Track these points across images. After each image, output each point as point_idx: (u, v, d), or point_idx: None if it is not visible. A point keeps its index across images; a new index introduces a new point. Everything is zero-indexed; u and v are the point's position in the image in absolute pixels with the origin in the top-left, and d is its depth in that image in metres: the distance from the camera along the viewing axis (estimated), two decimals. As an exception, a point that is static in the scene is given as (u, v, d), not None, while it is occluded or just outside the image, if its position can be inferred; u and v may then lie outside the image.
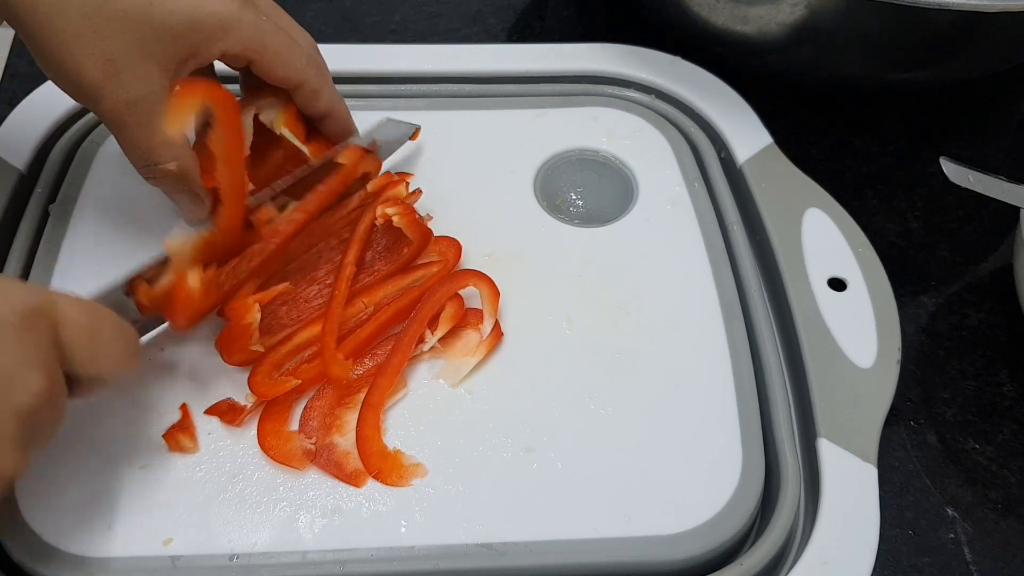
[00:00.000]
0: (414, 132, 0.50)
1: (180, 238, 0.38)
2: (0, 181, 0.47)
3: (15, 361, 0.29)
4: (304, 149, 0.45)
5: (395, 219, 0.43)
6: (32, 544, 0.35)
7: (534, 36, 0.65)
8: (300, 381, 0.39)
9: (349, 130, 0.47)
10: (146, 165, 0.40)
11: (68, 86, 0.39)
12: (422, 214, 0.45)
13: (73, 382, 0.33)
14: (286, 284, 0.40)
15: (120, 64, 0.37)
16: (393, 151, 0.50)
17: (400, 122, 0.50)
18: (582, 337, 0.43)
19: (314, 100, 0.44)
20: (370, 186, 0.46)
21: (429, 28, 0.65)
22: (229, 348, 0.40)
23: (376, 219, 0.44)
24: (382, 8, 0.66)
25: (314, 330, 0.41)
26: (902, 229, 0.54)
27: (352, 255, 0.44)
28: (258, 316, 0.39)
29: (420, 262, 0.45)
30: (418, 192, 0.47)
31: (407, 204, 0.45)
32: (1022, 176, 0.46)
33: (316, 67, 0.44)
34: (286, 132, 0.44)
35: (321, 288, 0.43)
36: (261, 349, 0.40)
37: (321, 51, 0.47)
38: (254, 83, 0.44)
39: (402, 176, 0.48)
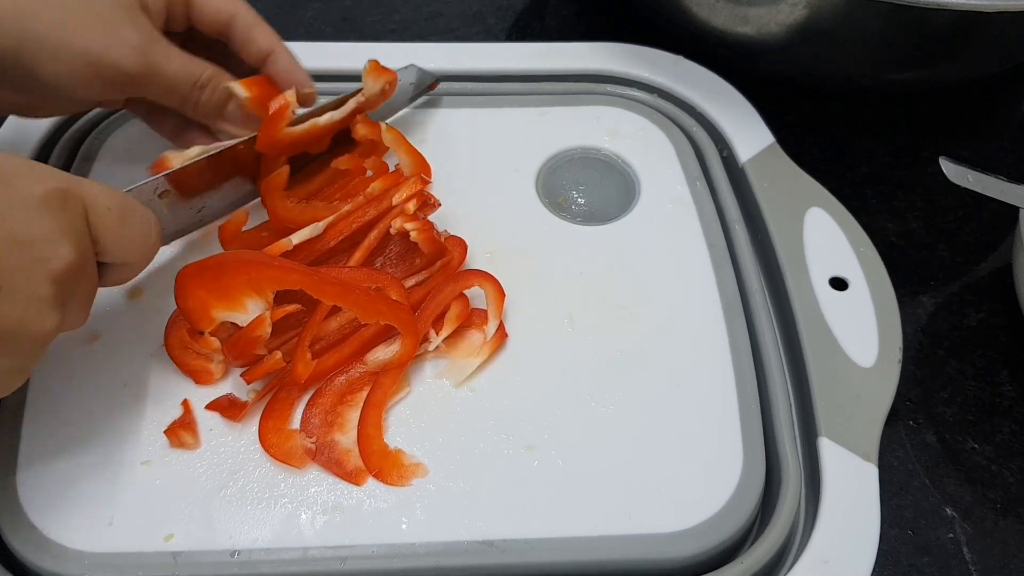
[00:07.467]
0: (433, 82, 0.53)
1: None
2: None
3: (49, 232, 0.32)
4: (244, 92, 0.45)
5: (412, 234, 0.43)
6: (34, 539, 0.35)
7: (533, 36, 0.65)
8: (280, 354, 0.40)
9: (295, 70, 0.46)
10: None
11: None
12: (440, 230, 0.45)
13: (101, 268, 0.36)
14: (296, 305, 0.40)
15: None
16: (416, 98, 0.53)
17: (423, 70, 0.53)
18: (584, 335, 0.43)
19: (252, 35, 0.45)
20: (391, 195, 0.46)
21: (429, 28, 0.65)
22: (236, 352, 0.40)
23: (391, 230, 0.44)
24: (382, 8, 0.66)
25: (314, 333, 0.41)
26: (902, 229, 0.55)
27: (356, 260, 0.44)
28: (268, 330, 0.39)
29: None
30: (436, 204, 0.47)
31: (426, 220, 0.44)
32: (1022, 176, 0.46)
33: (248, 8, 0.45)
34: (234, 86, 0.44)
35: None
36: (265, 352, 0.41)
37: (321, 50, 0.47)
38: None
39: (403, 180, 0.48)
